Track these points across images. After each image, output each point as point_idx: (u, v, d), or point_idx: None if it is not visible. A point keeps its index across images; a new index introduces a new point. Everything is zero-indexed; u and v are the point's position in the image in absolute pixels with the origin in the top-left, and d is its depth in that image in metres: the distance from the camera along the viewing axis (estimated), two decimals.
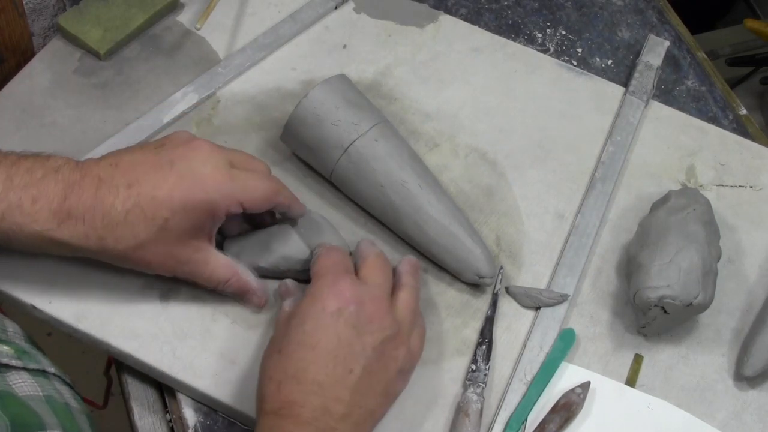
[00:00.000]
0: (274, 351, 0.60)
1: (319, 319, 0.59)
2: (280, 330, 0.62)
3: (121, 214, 0.60)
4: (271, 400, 0.58)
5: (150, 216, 0.60)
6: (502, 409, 0.67)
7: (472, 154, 0.80)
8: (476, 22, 0.91)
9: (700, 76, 0.91)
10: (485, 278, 0.71)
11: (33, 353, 0.65)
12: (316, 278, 0.63)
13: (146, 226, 0.60)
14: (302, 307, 0.61)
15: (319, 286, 0.61)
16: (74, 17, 0.81)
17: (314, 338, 0.59)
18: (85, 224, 0.60)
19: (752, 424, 0.70)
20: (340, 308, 0.60)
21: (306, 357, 0.58)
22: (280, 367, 0.59)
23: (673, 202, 0.74)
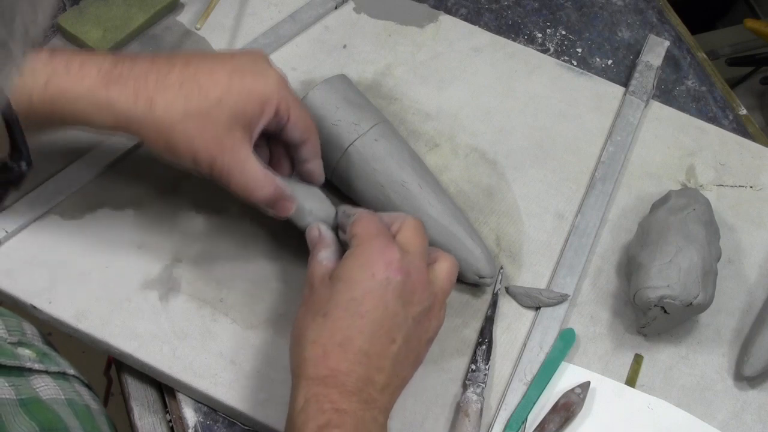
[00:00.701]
0: (318, 314, 0.57)
1: (368, 286, 0.57)
2: (321, 291, 0.59)
3: (176, 83, 0.59)
4: (315, 365, 0.56)
5: (205, 90, 0.59)
6: (502, 409, 0.67)
7: (472, 154, 0.80)
8: (476, 22, 0.91)
9: (700, 76, 0.91)
10: (485, 278, 0.71)
11: (52, 355, 0.65)
12: (362, 242, 0.59)
13: (199, 98, 0.59)
14: (349, 270, 0.58)
15: (367, 251, 0.58)
16: (74, 17, 0.81)
17: (363, 306, 0.56)
18: (136, 84, 0.58)
19: (752, 424, 0.70)
20: (388, 277, 0.57)
21: (353, 324, 0.56)
22: (326, 332, 0.56)
23: (673, 202, 0.74)
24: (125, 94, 0.58)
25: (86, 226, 0.71)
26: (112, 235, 0.71)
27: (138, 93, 0.58)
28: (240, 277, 0.70)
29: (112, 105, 0.58)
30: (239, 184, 0.62)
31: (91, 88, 0.58)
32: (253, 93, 0.61)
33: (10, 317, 0.66)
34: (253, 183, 0.62)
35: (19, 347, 0.63)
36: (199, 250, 0.71)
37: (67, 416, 0.60)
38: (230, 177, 0.61)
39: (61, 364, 0.65)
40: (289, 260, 0.71)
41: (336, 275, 0.58)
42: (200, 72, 0.60)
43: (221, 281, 0.70)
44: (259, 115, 0.61)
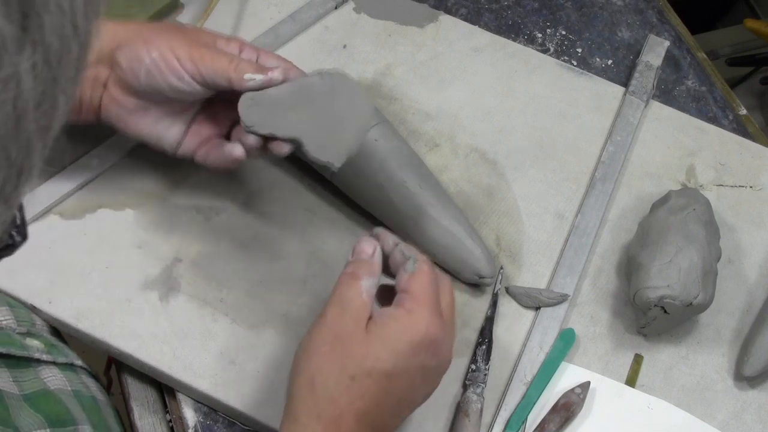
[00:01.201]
0: (345, 369, 0.53)
1: (406, 364, 0.54)
2: (355, 339, 0.54)
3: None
4: (324, 426, 0.53)
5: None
6: (502, 409, 0.67)
7: (472, 154, 0.80)
8: (476, 22, 0.91)
9: (700, 76, 0.91)
10: (485, 278, 0.70)
11: (60, 346, 0.66)
12: (415, 308, 0.55)
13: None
14: (395, 337, 0.54)
15: (417, 324, 0.54)
16: None
17: (393, 384, 0.54)
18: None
19: (752, 424, 0.70)
20: (425, 361, 0.55)
21: (377, 399, 0.54)
22: (348, 396, 0.53)
23: (673, 202, 0.74)
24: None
25: (86, 226, 0.71)
26: (112, 235, 0.71)
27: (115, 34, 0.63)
28: (240, 277, 0.70)
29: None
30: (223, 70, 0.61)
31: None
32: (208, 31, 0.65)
33: (21, 308, 0.67)
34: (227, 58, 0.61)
35: (27, 338, 0.63)
36: (199, 250, 0.71)
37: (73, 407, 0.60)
38: (214, 69, 0.61)
39: (69, 355, 0.66)
40: (290, 260, 0.71)
41: (377, 332, 0.54)
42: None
43: (221, 281, 0.70)
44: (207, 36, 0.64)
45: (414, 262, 0.57)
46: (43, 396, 0.59)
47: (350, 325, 0.54)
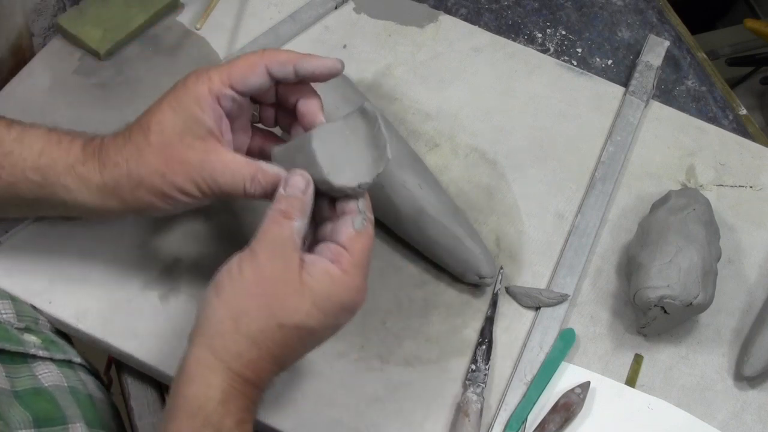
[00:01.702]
0: (273, 317, 0.53)
1: (330, 323, 0.55)
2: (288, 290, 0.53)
3: (126, 140, 0.59)
4: (245, 364, 0.53)
5: (146, 127, 0.59)
6: (502, 409, 0.67)
7: (472, 154, 0.80)
8: (476, 22, 0.91)
9: (700, 76, 0.91)
10: (485, 278, 0.70)
11: (60, 343, 0.66)
12: (356, 273, 0.55)
13: (143, 136, 0.58)
14: (330, 301, 0.54)
15: (353, 292, 0.55)
16: (74, 17, 0.81)
17: (314, 338, 0.56)
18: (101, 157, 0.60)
19: (752, 424, 0.70)
20: (344, 319, 0.56)
21: (296, 349, 0.55)
22: (271, 342, 0.53)
23: (673, 202, 0.74)
24: (95, 167, 0.59)
25: (86, 226, 0.71)
26: (112, 235, 0.71)
27: (104, 162, 0.59)
28: None
29: (87, 179, 0.59)
30: (233, 188, 0.58)
31: (74, 162, 0.59)
32: (183, 101, 0.59)
33: (24, 303, 0.67)
34: (240, 180, 0.58)
35: (25, 333, 0.63)
36: (199, 250, 0.71)
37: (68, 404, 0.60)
38: (221, 187, 0.58)
39: (68, 352, 0.66)
40: None
41: (311, 285, 0.54)
42: (144, 116, 0.60)
43: None
44: (205, 116, 0.58)
45: (364, 219, 0.56)
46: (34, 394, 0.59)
47: (282, 270, 0.54)
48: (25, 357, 0.61)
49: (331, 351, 0.67)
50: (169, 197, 0.59)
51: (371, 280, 0.71)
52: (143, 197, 0.59)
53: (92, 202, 0.60)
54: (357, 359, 0.68)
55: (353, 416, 0.66)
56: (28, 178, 0.59)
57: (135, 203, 0.59)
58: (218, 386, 0.52)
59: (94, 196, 0.60)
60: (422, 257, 0.73)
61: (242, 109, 0.61)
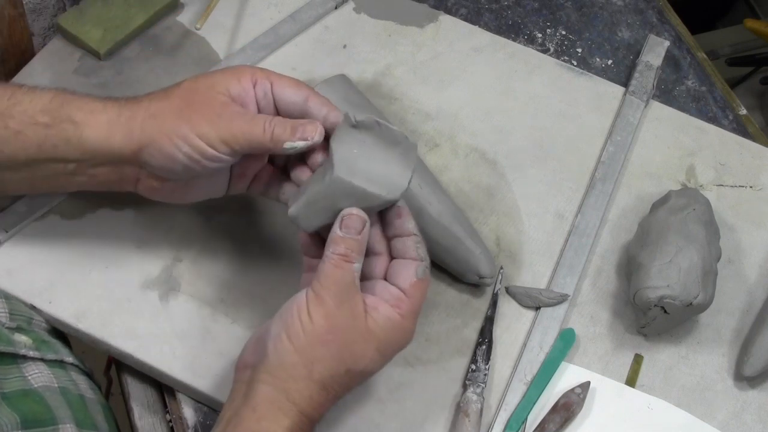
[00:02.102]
0: (343, 363, 0.56)
1: (384, 363, 0.58)
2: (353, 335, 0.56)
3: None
4: (315, 407, 0.56)
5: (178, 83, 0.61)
6: (502, 409, 0.67)
7: (472, 154, 0.80)
8: (476, 22, 0.91)
9: (700, 76, 0.91)
10: (485, 278, 0.71)
11: (52, 343, 0.65)
12: (411, 318, 0.58)
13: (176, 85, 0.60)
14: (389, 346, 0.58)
15: (407, 335, 0.58)
16: (74, 17, 0.81)
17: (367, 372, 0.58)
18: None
19: (752, 424, 0.70)
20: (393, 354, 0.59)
21: (352, 386, 0.58)
22: (337, 386, 0.56)
23: (673, 202, 0.74)
24: (113, 105, 0.60)
25: (86, 226, 0.71)
26: (112, 235, 0.71)
27: (124, 102, 0.61)
28: (240, 277, 0.70)
29: (99, 110, 0.60)
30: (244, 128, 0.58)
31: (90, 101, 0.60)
32: (220, 71, 0.61)
33: (19, 302, 0.66)
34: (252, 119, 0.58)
35: (16, 333, 0.63)
36: (199, 250, 0.71)
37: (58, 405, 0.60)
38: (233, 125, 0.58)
39: (60, 351, 0.65)
40: (290, 260, 0.71)
41: (376, 333, 0.56)
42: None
43: (221, 281, 0.70)
44: (237, 81, 0.59)
45: (426, 268, 0.58)
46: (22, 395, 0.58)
47: (350, 317, 0.56)
48: (15, 357, 0.61)
49: None
50: (180, 138, 0.58)
51: None
52: (152, 133, 0.58)
53: (96, 137, 0.59)
54: None
55: (353, 416, 0.66)
56: (37, 122, 0.59)
57: (142, 139, 0.58)
58: (288, 426, 0.54)
59: (102, 128, 0.59)
60: None
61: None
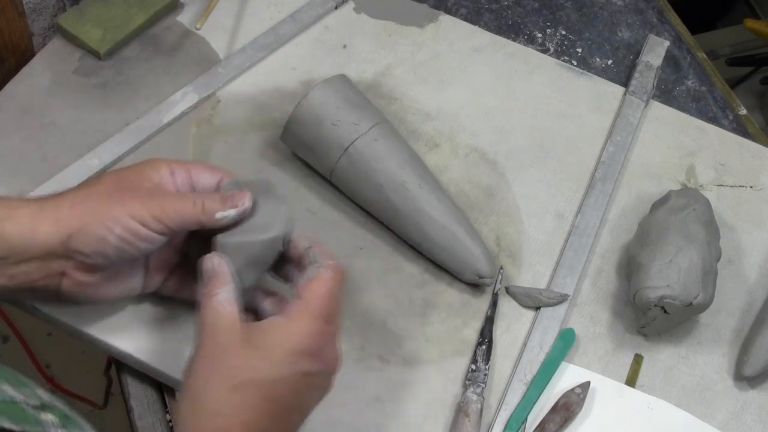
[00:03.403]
0: (225, 382, 0.52)
1: (287, 371, 0.53)
2: (232, 353, 0.53)
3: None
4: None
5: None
6: (502, 409, 0.67)
7: (472, 154, 0.80)
8: (476, 22, 0.91)
9: (700, 76, 0.91)
10: (485, 278, 0.71)
11: (74, 418, 0.64)
12: (309, 313, 0.55)
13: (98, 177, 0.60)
14: (274, 347, 0.53)
15: (301, 335, 0.54)
16: (74, 17, 0.81)
17: (278, 391, 0.53)
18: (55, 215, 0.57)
19: (752, 424, 0.70)
20: (310, 370, 0.54)
21: (263, 408, 0.53)
22: (232, 408, 0.52)
23: (673, 202, 0.74)
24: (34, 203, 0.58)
25: None
26: None
27: (46, 199, 0.58)
28: None
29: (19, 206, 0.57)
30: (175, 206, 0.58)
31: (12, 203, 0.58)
32: (137, 164, 0.61)
33: (24, 386, 0.65)
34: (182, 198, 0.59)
35: (42, 412, 0.61)
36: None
37: None
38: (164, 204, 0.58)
39: (84, 427, 0.64)
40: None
41: (254, 341, 0.54)
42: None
43: None
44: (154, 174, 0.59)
45: (317, 267, 0.57)
46: None
47: (222, 341, 0.54)
48: None
49: None
50: (112, 219, 0.57)
51: (371, 280, 0.71)
52: (83, 216, 0.57)
53: (19, 231, 0.56)
54: (357, 359, 0.68)
55: (353, 416, 0.66)
56: None
57: (71, 224, 0.57)
58: None
59: (25, 220, 0.56)
60: (422, 257, 0.73)
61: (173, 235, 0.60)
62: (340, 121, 0.71)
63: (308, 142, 0.73)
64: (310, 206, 0.75)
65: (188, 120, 0.78)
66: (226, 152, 0.77)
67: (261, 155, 0.77)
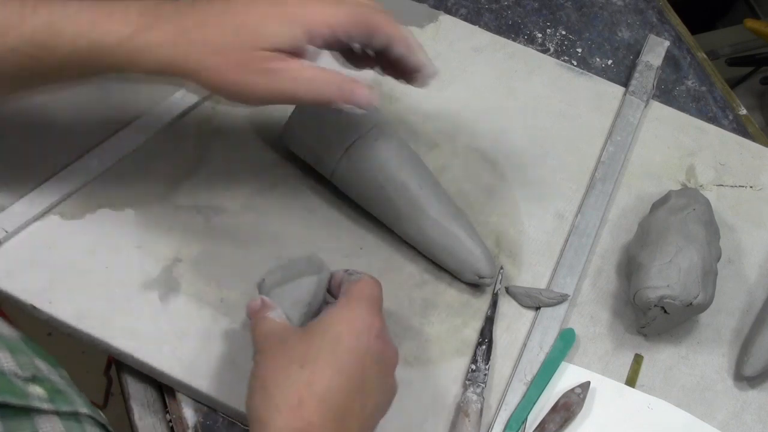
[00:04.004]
0: (292, 362, 0.54)
1: (351, 345, 0.55)
2: (292, 343, 0.56)
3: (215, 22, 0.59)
4: (288, 415, 0.52)
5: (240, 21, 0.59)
6: (502, 409, 0.67)
7: (472, 154, 0.80)
8: (476, 22, 0.91)
9: (700, 76, 0.91)
10: (485, 278, 0.71)
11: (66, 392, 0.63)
12: (352, 300, 0.58)
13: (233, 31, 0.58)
14: (334, 324, 0.56)
15: (356, 311, 0.57)
16: None
17: (345, 364, 0.55)
18: (175, 28, 0.58)
19: (752, 424, 0.70)
20: (369, 344, 0.56)
21: (334, 380, 0.54)
22: (303, 382, 0.53)
23: (673, 202, 0.74)
24: (165, 39, 0.58)
25: (86, 226, 0.71)
26: (112, 235, 0.71)
27: (177, 37, 0.58)
28: (240, 277, 0.70)
29: (152, 49, 0.58)
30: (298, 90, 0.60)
31: (132, 34, 0.58)
32: (293, 19, 0.59)
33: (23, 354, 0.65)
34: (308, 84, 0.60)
35: (31, 384, 0.61)
36: (199, 250, 0.71)
37: None
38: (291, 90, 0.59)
39: (75, 402, 0.63)
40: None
41: (315, 329, 0.56)
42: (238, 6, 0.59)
43: (221, 281, 0.70)
44: (302, 39, 0.59)
45: (356, 277, 0.60)
46: None
47: (281, 337, 0.57)
48: (29, 411, 0.59)
49: None
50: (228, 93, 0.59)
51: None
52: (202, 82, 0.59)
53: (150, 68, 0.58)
54: None
55: None
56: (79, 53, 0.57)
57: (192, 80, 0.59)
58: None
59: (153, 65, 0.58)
60: (422, 257, 0.73)
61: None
62: (340, 121, 0.71)
63: (308, 142, 0.73)
64: (310, 206, 0.75)
65: (188, 120, 0.78)
66: (226, 152, 0.77)
67: (261, 155, 0.77)
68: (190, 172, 0.75)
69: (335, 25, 0.61)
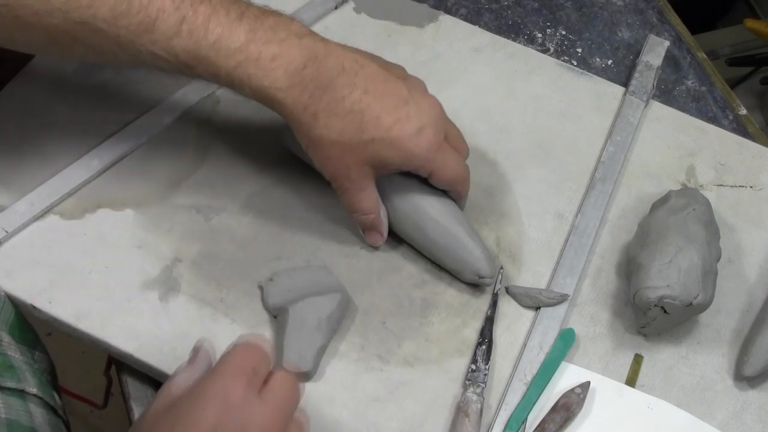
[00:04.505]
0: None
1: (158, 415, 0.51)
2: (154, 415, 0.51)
3: (345, 109, 0.63)
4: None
5: (361, 129, 0.64)
6: (502, 409, 0.67)
7: (472, 154, 0.80)
8: (476, 22, 0.91)
9: (700, 76, 0.91)
10: (485, 278, 0.71)
11: (20, 369, 0.62)
12: (212, 371, 0.52)
13: (354, 133, 0.64)
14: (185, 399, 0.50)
15: (204, 389, 0.50)
16: None
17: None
18: (310, 98, 0.62)
19: (752, 424, 0.70)
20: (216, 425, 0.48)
21: None
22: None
23: (673, 202, 0.74)
24: (298, 104, 0.62)
25: (86, 226, 0.71)
26: (112, 235, 0.71)
27: (308, 107, 0.62)
28: (240, 277, 0.70)
29: (282, 107, 0.63)
30: (351, 204, 0.69)
31: (271, 86, 0.61)
32: (400, 152, 0.65)
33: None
34: (360, 208, 0.69)
35: None
36: (199, 250, 0.71)
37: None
38: (345, 196, 0.68)
39: (26, 381, 0.61)
40: (290, 260, 0.71)
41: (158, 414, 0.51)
42: (371, 109, 0.64)
43: (221, 281, 0.70)
44: (397, 165, 0.66)
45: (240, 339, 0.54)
46: None
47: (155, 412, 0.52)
48: None
49: (331, 351, 0.68)
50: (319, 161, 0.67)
51: (371, 280, 0.71)
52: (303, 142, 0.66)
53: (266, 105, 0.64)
54: (357, 359, 0.68)
55: (353, 416, 0.66)
56: (221, 81, 0.62)
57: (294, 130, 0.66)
58: None
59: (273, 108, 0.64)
60: (422, 257, 0.73)
61: None
62: None
63: None
64: (310, 206, 0.75)
65: (188, 120, 0.78)
66: (226, 152, 0.77)
67: (261, 155, 0.77)
68: (190, 172, 0.75)
69: (447, 183, 0.70)
